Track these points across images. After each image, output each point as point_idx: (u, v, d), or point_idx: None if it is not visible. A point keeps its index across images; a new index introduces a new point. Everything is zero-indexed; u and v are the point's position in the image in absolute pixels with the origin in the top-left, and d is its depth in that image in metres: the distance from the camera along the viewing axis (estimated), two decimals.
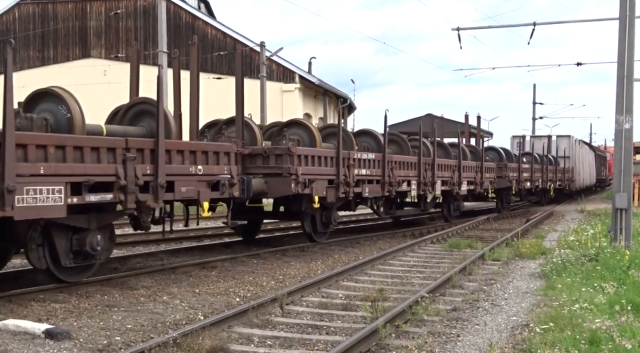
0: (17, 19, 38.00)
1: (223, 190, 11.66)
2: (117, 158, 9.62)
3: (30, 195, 8.35)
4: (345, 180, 15.05)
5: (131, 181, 9.70)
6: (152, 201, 10.19)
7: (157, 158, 10.19)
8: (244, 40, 35.52)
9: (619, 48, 13.92)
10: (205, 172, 11.34)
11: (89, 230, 9.68)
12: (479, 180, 23.92)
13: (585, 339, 6.75)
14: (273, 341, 7.27)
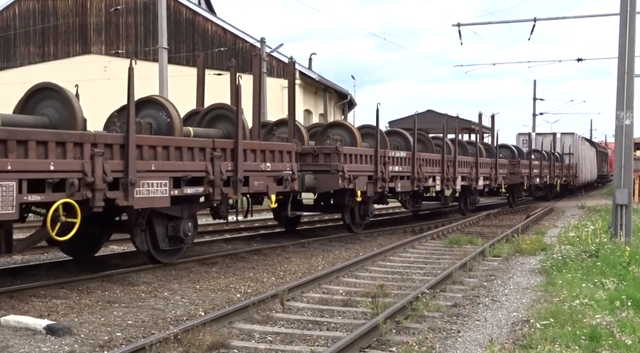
0: (17, 15, 37.97)
1: (286, 184, 13.32)
2: (207, 156, 11.27)
3: (144, 188, 10.05)
4: (382, 176, 16.60)
5: (217, 176, 11.34)
6: (232, 193, 11.88)
7: (237, 156, 11.85)
8: (245, 36, 35.48)
9: (620, 44, 13.90)
10: (273, 168, 12.97)
11: (181, 218, 11.32)
12: (493, 176, 25.34)
13: (585, 335, 6.77)
14: (274, 337, 7.28)
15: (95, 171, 9.19)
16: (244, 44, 35.12)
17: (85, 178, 9.08)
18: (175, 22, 34.92)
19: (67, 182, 8.91)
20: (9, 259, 12.36)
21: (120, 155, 9.68)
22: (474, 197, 24.84)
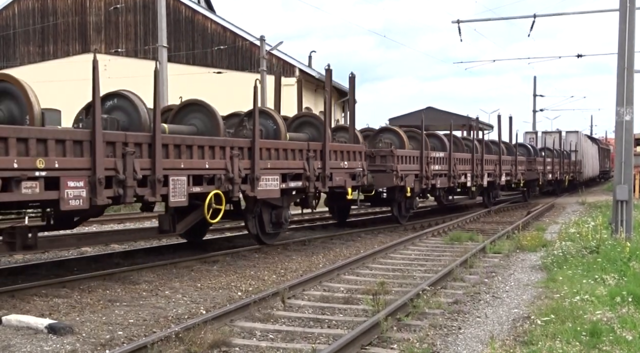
0: (16, 14, 37.93)
1: (358, 179, 15.69)
2: (304, 156, 13.71)
3: (263, 182, 12.51)
4: (426, 174, 19.04)
5: (312, 172, 13.81)
6: (321, 187, 14.28)
7: (324, 156, 14.30)
8: (244, 34, 35.45)
9: (619, 39, 13.89)
10: (349, 166, 15.41)
11: (282, 207, 13.74)
12: (514, 173, 27.74)
13: (586, 331, 6.77)
14: (275, 335, 7.30)
15: (233, 169, 11.72)
16: (243, 42, 35.10)
17: (228, 174, 11.65)
18: (175, 20, 34.88)
19: (216, 177, 11.48)
20: (10, 258, 12.37)
21: (248, 156, 12.17)
22: (496, 191, 27.24)
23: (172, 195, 10.49)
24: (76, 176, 8.96)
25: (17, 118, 9.10)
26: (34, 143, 8.43)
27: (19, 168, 8.19)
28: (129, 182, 9.66)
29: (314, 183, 13.91)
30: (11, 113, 9.18)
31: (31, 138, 8.41)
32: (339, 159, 15.06)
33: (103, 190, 9.25)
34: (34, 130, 8.56)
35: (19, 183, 8.24)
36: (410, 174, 18.23)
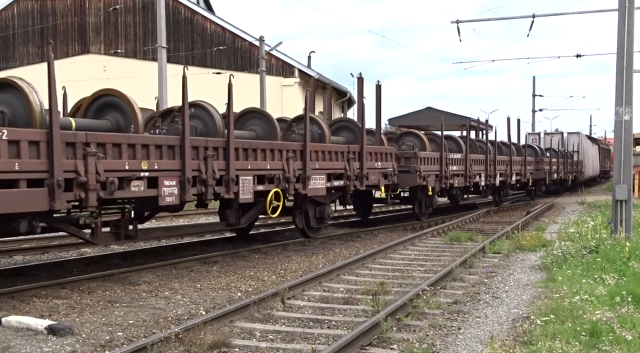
0: (15, 15, 37.93)
1: (390, 178, 17.08)
2: (344, 158, 15.11)
3: (313, 181, 13.91)
4: (445, 174, 20.36)
5: (352, 172, 15.25)
6: (359, 185, 15.66)
7: (362, 158, 15.73)
8: (244, 34, 35.47)
9: (619, 39, 13.89)
10: (382, 166, 16.87)
11: (325, 204, 15.13)
12: (523, 172, 28.95)
13: (585, 331, 6.78)
14: (275, 335, 7.30)
15: (289, 169, 13.14)
16: (242, 42, 35.10)
17: (285, 174, 13.07)
18: (174, 21, 34.89)
19: (275, 177, 12.88)
20: (9, 260, 12.38)
21: (300, 157, 13.58)
22: (507, 190, 28.75)
23: (242, 193, 12.09)
24: (170, 176, 10.51)
25: (122, 127, 10.39)
26: (139, 148, 9.92)
27: (129, 169, 9.72)
28: (209, 182, 11.22)
29: (353, 182, 15.41)
30: (117, 122, 10.47)
31: (137, 144, 9.89)
32: (374, 160, 16.57)
33: (190, 188, 10.81)
34: (139, 137, 10.03)
35: (130, 182, 9.75)
36: (432, 174, 19.59)
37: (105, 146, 9.37)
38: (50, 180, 8.58)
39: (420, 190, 19.52)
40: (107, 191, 9.34)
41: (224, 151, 11.62)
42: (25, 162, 8.34)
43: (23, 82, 9.20)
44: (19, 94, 9.04)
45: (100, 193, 9.26)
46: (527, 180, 29.78)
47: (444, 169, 20.25)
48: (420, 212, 20.27)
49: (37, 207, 8.52)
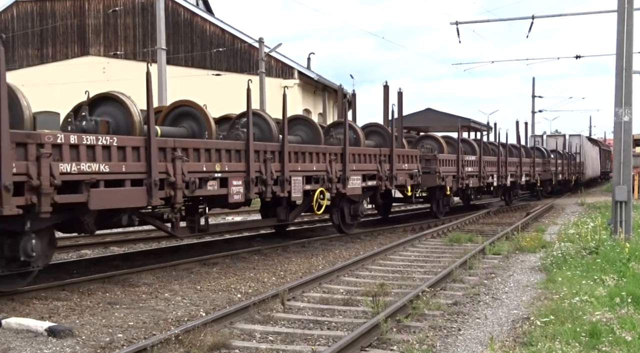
0: (15, 17, 37.93)
1: (415, 179, 18.59)
2: (377, 160, 16.69)
3: (351, 181, 15.40)
4: (461, 175, 21.80)
5: (383, 173, 16.84)
6: (389, 185, 17.19)
7: (392, 160, 17.25)
8: (243, 36, 35.47)
9: (618, 40, 13.89)
10: (408, 168, 18.45)
11: (359, 202, 16.51)
12: (532, 173, 30.55)
13: (585, 332, 6.78)
14: (275, 337, 7.30)
15: (332, 170, 14.65)
16: (242, 44, 35.11)
17: (328, 175, 14.54)
18: (174, 22, 34.90)
19: (320, 177, 14.34)
20: None
21: (340, 160, 15.09)
22: (517, 190, 30.23)
23: (294, 192, 13.52)
24: (237, 177, 12.00)
25: (197, 133, 11.89)
26: (214, 152, 11.44)
27: (206, 171, 11.20)
28: (268, 181, 12.67)
29: (384, 182, 16.96)
30: (192, 130, 11.98)
31: (212, 149, 11.42)
32: (402, 162, 18.13)
33: (253, 187, 12.28)
34: (214, 143, 11.61)
35: (206, 182, 11.27)
36: (449, 175, 21.01)
37: (187, 151, 10.83)
38: (148, 180, 9.97)
39: (438, 190, 20.94)
40: (190, 190, 10.78)
41: (279, 154, 13.11)
42: (130, 165, 9.71)
43: (124, 96, 10.52)
44: (121, 107, 10.42)
45: (185, 192, 10.70)
46: (536, 181, 31.35)
47: (460, 170, 21.67)
48: (438, 210, 21.63)
49: (138, 203, 9.96)
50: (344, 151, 15.23)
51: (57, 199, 8.63)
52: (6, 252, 8.75)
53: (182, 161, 10.58)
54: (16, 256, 8.77)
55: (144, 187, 9.94)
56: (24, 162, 8.27)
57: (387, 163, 17.14)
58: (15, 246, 8.74)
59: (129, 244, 14.76)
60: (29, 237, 8.77)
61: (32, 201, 8.32)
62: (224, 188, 11.70)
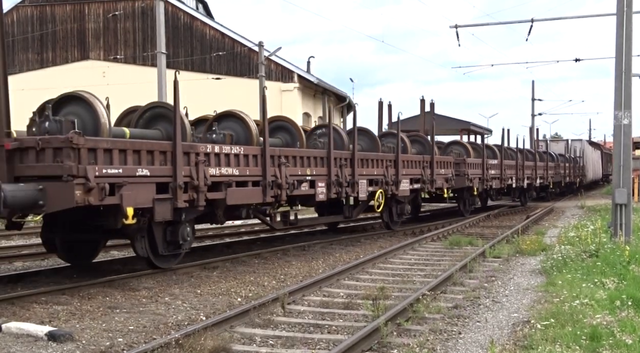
0: (15, 22, 37.94)
1: (450, 182, 21.28)
2: (421, 165, 19.44)
3: (402, 184, 17.95)
4: (486, 178, 24.30)
5: (426, 177, 19.53)
6: (430, 188, 19.90)
7: (432, 166, 20.01)
8: (243, 40, 35.49)
9: (617, 43, 13.91)
10: (444, 172, 21.13)
11: (404, 202, 18.80)
12: (545, 176, 32.98)
13: (586, 335, 6.78)
14: (275, 340, 7.30)
15: (388, 175, 17.28)
16: (242, 47, 35.13)
17: (385, 178, 17.17)
18: (174, 27, 34.92)
19: (379, 180, 17.00)
20: (9, 266, 12.37)
21: (394, 166, 17.66)
22: (531, 192, 32.65)
23: (360, 193, 16.07)
24: (321, 179, 14.74)
25: (290, 143, 14.70)
26: (305, 159, 14.17)
27: (301, 174, 13.93)
28: (343, 184, 15.30)
29: (427, 185, 19.53)
30: (286, 140, 14.77)
31: (304, 156, 14.22)
32: (440, 167, 20.68)
33: (333, 188, 14.90)
34: (305, 151, 14.49)
35: (301, 183, 13.93)
36: (476, 177, 23.45)
37: (288, 158, 13.43)
38: (263, 181, 12.63)
39: (466, 190, 23.21)
40: (290, 190, 13.27)
41: (351, 161, 15.82)
42: (251, 169, 12.36)
43: (242, 113, 13.06)
44: (242, 122, 12.94)
45: (287, 192, 13.17)
46: (549, 183, 34.14)
47: (485, 172, 24.18)
48: (465, 209, 24.14)
49: (256, 200, 12.65)
50: (397, 158, 17.92)
51: (208, 196, 11.24)
52: (168, 236, 11.16)
53: (285, 166, 13.13)
54: (175, 240, 11.20)
55: (260, 187, 12.61)
56: (188, 167, 10.80)
57: (428, 168, 19.82)
58: (175, 232, 11.17)
59: (129, 248, 14.73)
60: (185, 225, 11.25)
61: (193, 197, 10.90)
62: (312, 189, 14.43)
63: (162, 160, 10.40)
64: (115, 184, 9.53)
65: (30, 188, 8.86)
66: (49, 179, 9.04)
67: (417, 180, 19.17)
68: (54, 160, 9.07)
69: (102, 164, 9.36)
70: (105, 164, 9.40)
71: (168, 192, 10.46)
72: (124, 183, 9.62)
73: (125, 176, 9.68)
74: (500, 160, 26.08)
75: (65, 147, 8.99)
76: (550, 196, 36.34)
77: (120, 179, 9.59)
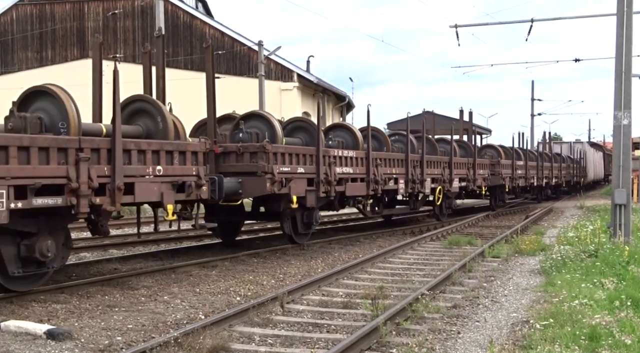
0: (14, 20, 37.93)
1: (486, 181, 24.52)
2: (466, 167, 23.16)
3: (454, 182, 21.57)
4: (515, 176, 27.88)
5: (470, 177, 23.13)
6: (473, 186, 23.48)
7: (474, 167, 23.61)
8: (242, 39, 35.49)
9: (617, 44, 13.91)
10: (483, 172, 24.73)
11: (452, 198, 22.54)
12: (559, 176, 36.92)
13: (585, 335, 6.77)
14: (274, 340, 7.29)
15: (444, 174, 20.96)
16: (241, 47, 35.12)
17: (443, 177, 20.82)
18: (173, 25, 34.91)
19: (439, 179, 20.49)
20: None
21: (448, 166, 21.37)
22: (547, 190, 36.23)
23: (427, 189, 19.54)
24: (402, 177, 18.28)
25: (377, 147, 17.73)
26: (391, 161, 17.85)
27: (389, 173, 17.53)
28: (416, 181, 18.88)
29: (470, 183, 22.96)
30: (375, 145, 17.48)
31: (391, 159, 17.91)
32: (479, 168, 24.07)
33: (409, 185, 18.55)
34: (391, 154, 18.15)
35: (388, 181, 17.49)
36: (507, 176, 26.94)
37: (381, 160, 17.11)
38: (367, 178, 16.17)
39: (498, 188, 26.64)
40: (382, 185, 16.79)
41: (420, 162, 19.34)
42: (359, 169, 16.03)
43: (350, 125, 17.88)
44: (350, 132, 17.17)
45: (382, 186, 16.73)
46: (562, 182, 38.05)
47: (514, 172, 27.81)
48: (495, 204, 27.51)
49: (362, 192, 16.21)
50: (451, 161, 21.45)
51: (336, 189, 14.83)
52: (305, 219, 14.59)
53: (380, 166, 16.69)
54: (309, 222, 14.69)
55: (365, 183, 16.14)
56: (324, 166, 14.36)
57: (472, 169, 23.29)
58: (310, 216, 14.59)
59: (128, 247, 14.74)
60: (317, 210, 14.81)
61: (327, 189, 14.46)
62: (395, 185, 17.91)
63: (310, 162, 14.07)
64: (286, 178, 13.09)
65: (233, 181, 12.19)
66: (246, 175, 12.50)
67: (463, 179, 22.63)
68: (250, 161, 12.61)
69: (280, 164, 12.95)
70: (281, 164, 12.96)
71: (313, 185, 14.10)
72: (291, 178, 13.30)
73: (292, 173, 13.38)
74: (525, 162, 29.92)
75: (260, 151, 12.58)
76: (559, 194, 39.19)
77: (289, 175, 13.25)
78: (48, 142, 8.66)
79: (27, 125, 9.04)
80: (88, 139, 9.28)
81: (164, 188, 10.36)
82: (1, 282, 8.86)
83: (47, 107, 9.53)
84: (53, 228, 9.18)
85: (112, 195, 9.37)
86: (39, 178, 8.44)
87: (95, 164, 9.17)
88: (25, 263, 8.95)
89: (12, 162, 8.18)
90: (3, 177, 8.04)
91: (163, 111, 11.06)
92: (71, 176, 8.78)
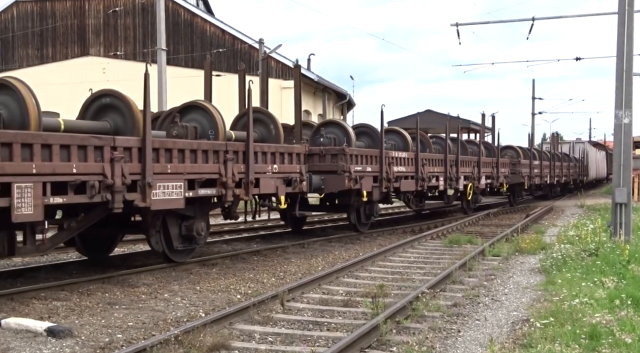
0: (15, 18, 37.93)
1: (507, 179, 27.00)
2: (491, 166, 25.29)
3: (481, 180, 24.33)
4: (531, 175, 30.11)
5: (494, 175, 25.33)
6: (496, 183, 25.84)
7: (497, 166, 25.51)
8: (243, 37, 35.48)
9: (618, 42, 13.90)
10: (504, 171, 26.76)
11: (478, 194, 24.82)
12: (568, 174, 39.26)
13: (585, 334, 6.77)
14: (274, 338, 7.29)
15: (474, 172, 23.22)
16: (242, 44, 35.11)
17: (474, 175, 23.17)
18: (174, 23, 34.89)
19: (470, 176, 22.81)
20: (9, 262, 12.36)
21: (477, 165, 23.71)
22: (557, 188, 38.68)
23: (460, 186, 21.77)
24: (441, 175, 20.43)
25: (402, 147, 19.10)
26: (433, 161, 19.91)
27: (431, 171, 19.49)
28: (453, 178, 21.01)
29: (494, 180, 25.20)
30: (398, 144, 19.30)
31: (432, 159, 19.97)
32: (501, 167, 26.40)
33: (448, 182, 20.69)
34: (433, 155, 20.33)
35: (432, 178, 19.48)
36: (526, 175, 29.25)
37: (426, 160, 19.37)
38: (416, 176, 18.41)
39: (517, 185, 29.03)
40: (427, 182, 19.09)
41: (455, 162, 21.46)
42: (409, 168, 18.31)
43: (402, 130, 19.97)
44: (400, 136, 19.54)
45: (427, 183, 19.00)
46: (569, 181, 40.24)
47: (531, 171, 30.06)
48: (514, 200, 30.17)
49: (412, 188, 18.51)
50: (479, 160, 23.87)
51: (394, 185, 17.18)
52: (367, 211, 17.09)
53: (425, 166, 18.79)
54: (371, 214, 17.23)
55: (414, 180, 18.38)
56: (385, 166, 16.65)
57: (496, 168, 25.60)
58: (371, 209, 17.13)
59: (129, 245, 14.74)
60: (377, 204, 17.35)
61: (387, 185, 16.75)
62: (437, 182, 20.03)
63: (374, 162, 16.40)
64: (359, 176, 15.51)
65: (317, 178, 14.60)
66: (327, 173, 14.90)
67: (489, 177, 25.04)
68: (331, 161, 15.05)
69: (354, 164, 15.38)
70: (355, 164, 15.39)
71: (377, 182, 16.47)
72: (363, 176, 15.69)
73: (363, 171, 15.79)
74: (540, 161, 32.44)
75: (340, 154, 15.10)
76: (566, 191, 40.83)
77: (360, 173, 15.63)
78: (208, 146, 11.22)
79: (188, 133, 11.39)
80: (231, 143, 11.91)
81: (278, 182, 13.09)
82: (168, 254, 11.40)
83: (198, 118, 11.97)
84: (203, 213, 11.80)
85: (246, 188, 11.99)
86: (203, 174, 11.02)
87: (235, 163, 11.63)
88: (184, 240, 11.55)
89: (187, 162, 10.62)
90: (181, 172, 10.49)
91: (276, 120, 13.98)
92: (222, 172, 11.32)
